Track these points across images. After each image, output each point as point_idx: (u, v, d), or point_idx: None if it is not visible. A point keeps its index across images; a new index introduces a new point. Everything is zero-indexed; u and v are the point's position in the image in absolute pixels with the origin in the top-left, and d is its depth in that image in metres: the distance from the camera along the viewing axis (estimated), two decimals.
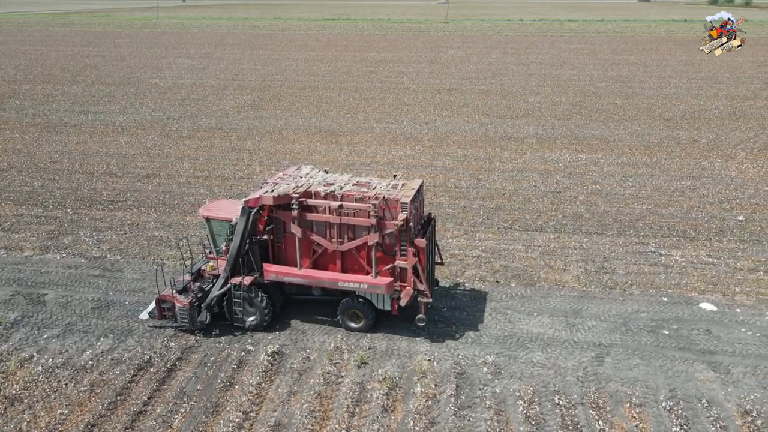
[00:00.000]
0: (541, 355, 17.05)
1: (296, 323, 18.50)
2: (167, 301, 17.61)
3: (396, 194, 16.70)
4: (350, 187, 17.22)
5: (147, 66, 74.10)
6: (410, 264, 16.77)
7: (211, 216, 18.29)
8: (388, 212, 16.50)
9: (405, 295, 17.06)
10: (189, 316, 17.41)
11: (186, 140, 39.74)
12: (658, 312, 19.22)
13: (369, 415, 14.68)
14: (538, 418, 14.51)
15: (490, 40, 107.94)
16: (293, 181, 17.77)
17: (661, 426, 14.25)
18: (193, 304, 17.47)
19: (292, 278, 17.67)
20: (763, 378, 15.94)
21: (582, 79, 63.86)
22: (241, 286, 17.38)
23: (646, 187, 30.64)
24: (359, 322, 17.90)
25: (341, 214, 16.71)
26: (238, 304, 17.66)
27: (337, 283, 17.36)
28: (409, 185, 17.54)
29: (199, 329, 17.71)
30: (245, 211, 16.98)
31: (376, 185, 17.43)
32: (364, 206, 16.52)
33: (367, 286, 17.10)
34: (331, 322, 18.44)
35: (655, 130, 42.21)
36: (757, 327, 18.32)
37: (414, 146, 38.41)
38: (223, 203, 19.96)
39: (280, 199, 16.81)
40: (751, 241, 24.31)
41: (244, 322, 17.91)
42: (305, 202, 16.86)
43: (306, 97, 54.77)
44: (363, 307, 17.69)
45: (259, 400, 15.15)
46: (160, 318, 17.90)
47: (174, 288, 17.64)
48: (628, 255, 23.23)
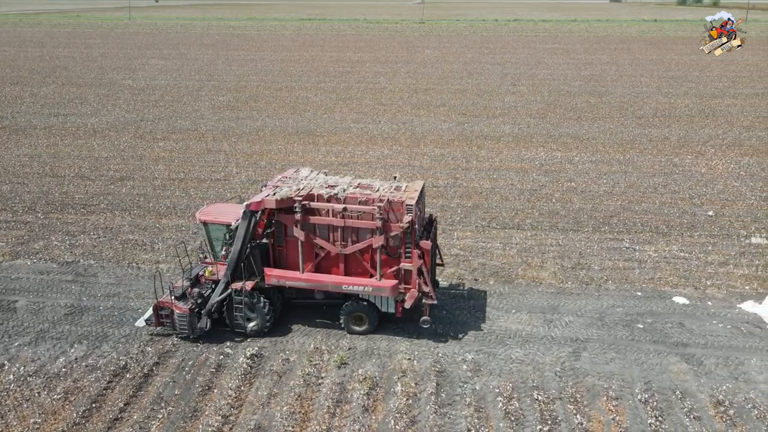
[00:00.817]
0: (519, 351, 17.22)
1: (276, 325, 18.35)
2: (166, 308, 17.13)
3: (400, 196, 16.64)
4: (353, 190, 17.09)
5: (119, 67, 72.82)
6: (415, 266, 16.71)
7: (209, 220, 17.88)
8: (392, 214, 16.42)
9: (410, 297, 16.98)
10: (189, 322, 16.99)
11: (161, 142, 39.16)
12: (632, 306, 19.57)
13: (350, 415, 14.66)
14: (517, 413, 14.66)
15: (465, 40, 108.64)
16: (294, 184, 17.58)
17: (637, 418, 14.52)
18: (193, 310, 17.07)
19: (295, 282, 17.44)
20: (734, 369, 16.35)
21: (556, 79, 64.68)
22: (243, 291, 17.10)
23: (620, 184, 31.19)
24: (363, 325, 17.78)
25: (345, 217, 16.57)
26: (239, 309, 17.34)
27: (341, 286, 17.22)
28: (411, 187, 17.54)
29: (199, 336, 17.33)
30: (247, 214, 16.71)
31: (379, 187, 17.34)
32: (368, 209, 16.42)
33: (371, 288, 16.99)
34: (310, 323, 18.39)
35: (627, 128, 42.98)
36: (728, 319, 18.79)
37: (391, 146, 38.47)
38: (220, 207, 19.50)
39: (283, 202, 16.61)
40: (721, 235, 24.92)
41: (245, 328, 17.61)
42: (308, 205, 16.67)
43: (283, 97, 54.43)
44: (366, 309, 17.58)
45: (239, 403, 15.01)
46: (158, 325, 17.43)
47: (173, 294, 17.21)
48: (603, 251, 23.62)
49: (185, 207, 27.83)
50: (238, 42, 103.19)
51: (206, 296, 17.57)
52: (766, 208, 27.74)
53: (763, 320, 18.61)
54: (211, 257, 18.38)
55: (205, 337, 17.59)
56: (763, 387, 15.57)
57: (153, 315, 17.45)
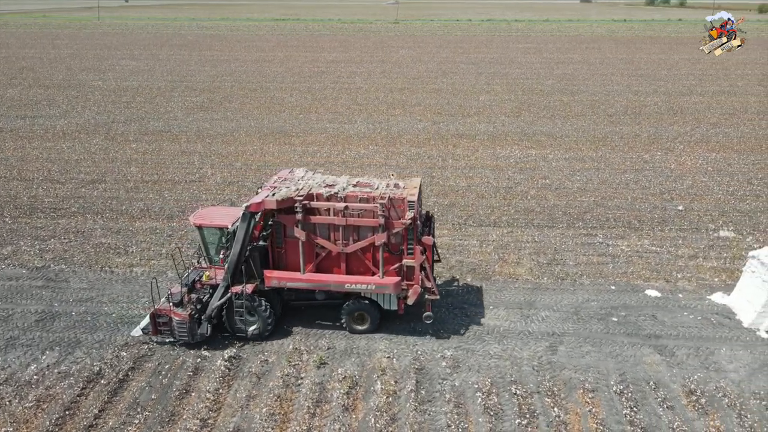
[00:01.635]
0: (497, 346, 17.40)
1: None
2: (164, 315, 16.69)
3: (401, 193, 16.70)
4: (352, 188, 17.06)
5: (89, 68, 71.32)
6: (418, 262, 16.81)
7: (204, 224, 17.43)
8: (394, 211, 16.45)
9: (413, 293, 17.08)
10: (188, 329, 16.63)
11: (133, 144, 38.47)
12: (606, 300, 19.94)
13: (330, 415, 14.62)
14: (496, 408, 14.81)
15: (439, 40, 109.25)
16: (293, 184, 17.45)
17: (613, 409, 14.79)
18: (193, 316, 16.71)
19: (296, 283, 17.27)
20: (705, 359, 16.78)
21: (530, 78, 65.49)
22: (243, 295, 16.86)
23: (593, 181, 31.73)
24: (365, 323, 17.74)
25: (347, 216, 16.50)
26: (239, 313, 17.08)
27: (344, 285, 17.15)
28: (410, 184, 17.62)
29: (199, 342, 17.00)
30: (246, 216, 16.49)
31: (378, 185, 17.36)
32: (370, 206, 16.40)
33: (375, 286, 16.98)
34: (289, 324, 18.28)
35: (599, 125, 43.75)
36: (698, 310, 19.27)
37: (368, 146, 38.47)
38: (214, 210, 19.05)
39: (283, 202, 16.45)
40: (691, 229, 25.55)
41: (245, 332, 17.36)
42: (309, 205, 16.56)
43: (257, 98, 53.98)
44: (368, 308, 17.55)
45: (217, 406, 14.85)
46: (155, 334, 16.99)
47: (171, 301, 16.84)
48: (577, 246, 24.00)
49: (159, 209, 27.41)
50: (210, 42, 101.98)
51: (205, 301, 17.23)
52: (733, 202, 28.53)
53: (732, 311, 19.14)
54: (207, 261, 17.96)
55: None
56: (733, 376, 16.02)
57: (150, 323, 16.96)
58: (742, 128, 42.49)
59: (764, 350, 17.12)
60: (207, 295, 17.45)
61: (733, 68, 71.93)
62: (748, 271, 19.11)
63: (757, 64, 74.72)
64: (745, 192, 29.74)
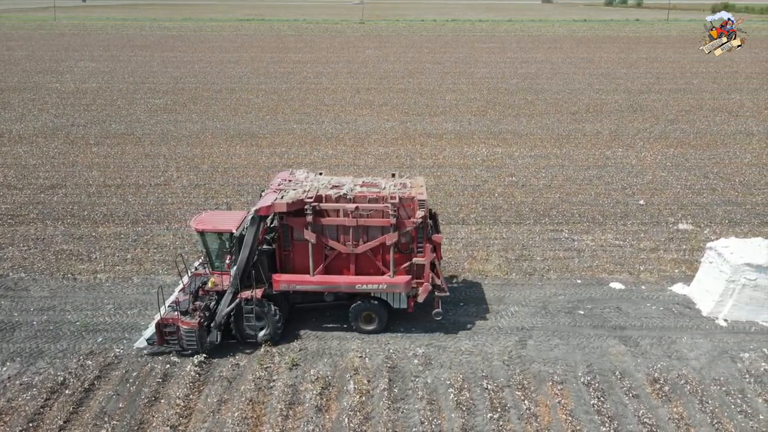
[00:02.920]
0: (468, 342, 17.62)
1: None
2: (170, 325, 16.20)
3: (409, 192, 16.77)
4: (360, 189, 17.02)
5: (45, 70, 69.10)
6: (428, 260, 16.93)
7: (207, 229, 16.93)
8: (404, 211, 16.48)
9: (423, 291, 17.21)
10: (198, 337, 16.20)
11: (94, 147, 37.45)
12: (573, 294, 20.40)
13: (303, 416, 14.57)
14: (468, 403, 14.99)
15: (405, 40, 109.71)
16: (299, 186, 17.28)
17: (581, 400, 15.16)
18: (202, 324, 16.28)
19: (306, 286, 17.10)
20: (667, 348, 17.34)
21: (494, 77, 66.38)
22: (253, 300, 16.57)
23: (558, 177, 32.39)
24: (373, 324, 17.71)
25: (358, 216, 16.43)
26: (249, 318, 16.76)
27: (355, 285, 17.10)
28: (416, 183, 17.71)
29: (209, 350, 16.61)
30: (256, 220, 16.23)
31: (385, 185, 17.36)
32: (381, 206, 16.39)
33: (386, 286, 17.01)
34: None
35: (563, 123, 44.66)
36: (660, 301, 19.90)
37: (336, 146, 38.39)
38: (215, 215, 18.61)
39: (293, 205, 16.25)
40: (652, 223, 26.34)
41: (255, 338, 17.06)
42: (319, 207, 16.42)
43: (223, 99, 53.23)
44: (377, 308, 17.54)
45: (188, 412, 14.61)
46: (161, 344, 16.49)
47: (178, 309, 16.41)
48: (544, 242, 24.47)
49: (123, 214, 26.77)
50: (173, 43, 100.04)
51: (213, 308, 16.85)
52: (691, 195, 29.54)
53: (692, 301, 19.83)
54: (209, 267, 17.51)
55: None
56: (694, 363, 16.60)
57: (155, 333, 16.45)
58: (697, 124, 43.99)
59: (723, 338, 17.80)
60: (213, 301, 17.09)
61: (688, 66, 74.36)
62: (705, 262, 19.83)
63: (711, 62, 77.40)
64: (701, 186, 30.83)
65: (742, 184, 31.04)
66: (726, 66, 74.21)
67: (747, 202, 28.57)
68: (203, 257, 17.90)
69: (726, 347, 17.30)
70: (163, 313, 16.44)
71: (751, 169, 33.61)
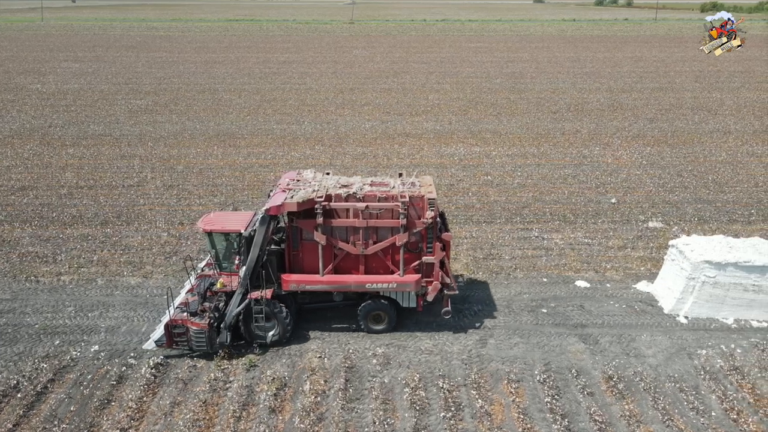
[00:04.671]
0: (429, 342, 17.58)
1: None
2: (180, 326, 16.10)
3: (419, 191, 16.78)
4: (369, 188, 16.99)
5: (28, 70, 68.71)
6: (438, 258, 16.92)
7: (216, 229, 16.77)
8: (413, 210, 16.49)
9: (433, 289, 17.22)
10: (207, 338, 16.11)
11: (70, 149, 37.23)
12: (538, 292, 20.42)
13: (256, 417, 14.50)
14: (423, 402, 14.96)
15: (393, 40, 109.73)
16: (308, 186, 17.21)
17: (535, 398, 15.17)
18: (212, 325, 16.18)
19: (316, 285, 17.04)
20: (626, 345, 17.38)
21: (479, 76, 66.47)
22: (263, 300, 16.49)
23: (533, 176, 32.44)
24: (382, 323, 17.72)
25: (368, 217, 16.40)
26: (258, 319, 16.67)
27: (365, 285, 17.08)
28: (424, 182, 17.72)
29: (218, 350, 16.51)
30: (266, 220, 16.14)
31: (394, 184, 17.35)
32: (392, 205, 16.37)
33: (396, 285, 17.00)
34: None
35: (543, 122, 44.75)
36: (624, 299, 19.95)
37: (314, 146, 38.32)
38: (222, 215, 18.42)
39: (303, 204, 16.17)
40: (622, 221, 26.42)
41: (265, 338, 16.98)
42: (329, 206, 16.36)
43: (204, 100, 53.05)
44: (386, 307, 17.53)
45: (140, 414, 14.51)
46: (170, 346, 16.37)
47: (187, 311, 16.32)
48: (513, 240, 24.49)
49: (93, 215, 26.61)
50: (160, 43, 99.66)
51: (222, 309, 16.76)
52: (663, 193, 29.65)
53: (655, 298, 19.89)
54: (217, 268, 17.36)
55: (105, 347, 16.90)
56: (651, 361, 16.65)
57: (165, 335, 16.34)
58: (676, 123, 44.19)
59: (682, 335, 17.86)
60: (222, 302, 17.00)
61: (672, 65, 74.70)
62: (668, 259, 19.90)
63: (694, 61, 77.82)
64: (674, 184, 30.95)
65: (714, 182, 31.19)
66: (710, 65, 74.63)
67: (718, 200, 28.71)
68: (209, 258, 17.81)
69: (684, 344, 17.36)
70: (172, 315, 16.35)
71: (725, 167, 33.79)
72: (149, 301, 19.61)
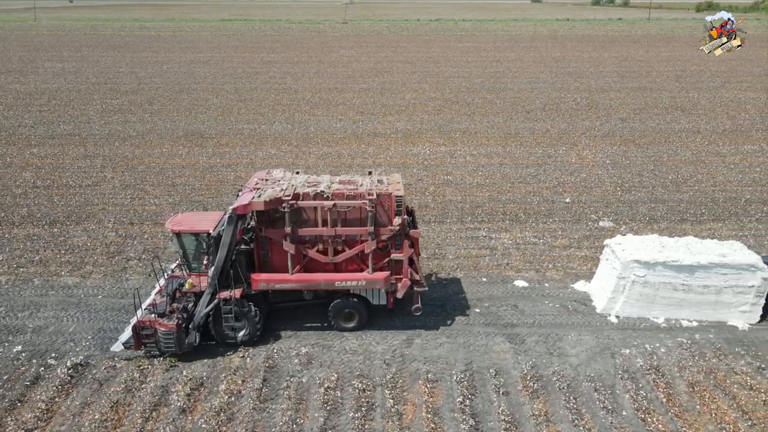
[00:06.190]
0: (355, 342, 17.51)
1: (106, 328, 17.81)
2: (148, 327, 16.05)
3: (387, 189, 16.82)
4: (337, 186, 17.01)
5: (10, 70, 68.70)
6: (406, 255, 16.97)
7: (184, 230, 16.72)
8: (381, 207, 16.50)
9: (402, 286, 17.28)
10: (176, 339, 16.02)
11: (34, 148, 37.20)
12: (475, 292, 20.33)
13: (165, 418, 14.43)
14: (335, 402, 14.89)
15: (383, 40, 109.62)
16: (277, 185, 17.19)
17: (449, 398, 15.09)
18: (181, 326, 16.11)
19: (285, 284, 17.03)
20: (551, 345, 17.30)
21: (461, 76, 66.36)
22: (232, 300, 16.44)
23: (494, 176, 32.34)
24: (353, 321, 17.73)
25: (336, 219, 16.44)
26: (227, 319, 16.62)
27: (334, 283, 17.09)
28: (393, 179, 17.81)
29: (187, 351, 16.45)
30: (233, 219, 16.10)
31: (362, 182, 17.40)
32: (359, 203, 16.38)
33: (365, 282, 17.02)
34: None
35: (515, 121, 44.65)
36: (559, 299, 19.87)
37: (280, 146, 38.25)
38: (191, 216, 18.33)
39: (271, 203, 16.15)
40: (572, 220, 26.32)
41: (235, 338, 16.93)
42: (296, 205, 16.38)
43: (181, 99, 53.00)
44: (356, 305, 17.54)
45: (48, 416, 14.44)
46: (138, 348, 16.27)
47: (155, 312, 16.25)
48: (460, 240, 24.41)
49: (42, 215, 26.56)
50: (148, 43, 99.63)
51: (191, 310, 16.70)
52: (619, 193, 29.54)
53: (590, 297, 19.81)
54: (186, 269, 17.33)
55: (28, 348, 16.85)
56: (573, 360, 16.57)
57: (132, 337, 16.25)
58: (648, 122, 44.06)
59: (609, 334, 17.78)
60: (191, 303, 16.93)
61: (655, 65, 74.50)
62: (603, 259, 19.82)
63: (679, 60, 77.65)
64: (632, 183, 30.84)
65: (672, 181, 31.08)
66: (694, 65, 74.47)
67: (672, 199, 28.60)
68: (179, 259, 17.72)
69: (610, 344, 17.28)
70: (139, 316, 16.25)
71: (687, 166, 33.67)
72: (83, 302, 19.56)
